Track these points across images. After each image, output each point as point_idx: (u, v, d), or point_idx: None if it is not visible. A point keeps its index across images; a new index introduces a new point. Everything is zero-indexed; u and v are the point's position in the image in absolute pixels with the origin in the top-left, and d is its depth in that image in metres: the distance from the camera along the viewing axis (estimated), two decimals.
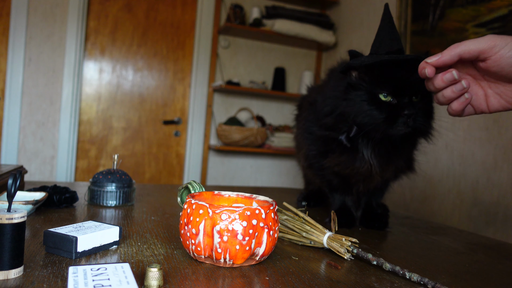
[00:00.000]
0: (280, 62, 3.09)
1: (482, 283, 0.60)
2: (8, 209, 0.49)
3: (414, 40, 2.19)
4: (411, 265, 0.66)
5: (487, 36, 0.55)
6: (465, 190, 1.87)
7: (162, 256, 0.60)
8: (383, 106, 0.75)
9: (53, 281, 0.47)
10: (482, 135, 1.80)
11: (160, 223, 0.81)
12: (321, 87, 0.97)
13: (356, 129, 0.78)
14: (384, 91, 0.75)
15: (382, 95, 0.75)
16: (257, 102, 3.03)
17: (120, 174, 0.95)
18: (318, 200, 1.17)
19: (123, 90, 2.72)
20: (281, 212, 0.77)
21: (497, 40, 0.54)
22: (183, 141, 2.90)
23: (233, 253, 0.55)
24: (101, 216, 0.84)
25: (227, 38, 2.93)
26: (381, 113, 0.75)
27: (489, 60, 0.55)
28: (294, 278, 0.55)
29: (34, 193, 0.85)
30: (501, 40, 0.54)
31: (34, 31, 2.44)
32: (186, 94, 2.88)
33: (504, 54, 0.53)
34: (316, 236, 0.70)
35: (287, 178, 3.13)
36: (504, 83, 0.57)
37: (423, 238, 0.88)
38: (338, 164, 0.86)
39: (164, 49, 2.80)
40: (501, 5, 1.71)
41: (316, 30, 2.84)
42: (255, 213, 0.56)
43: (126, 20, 2.70)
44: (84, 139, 2.66)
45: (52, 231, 0.57)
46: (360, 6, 2.72)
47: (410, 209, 2.14)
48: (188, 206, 0.58)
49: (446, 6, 1.99)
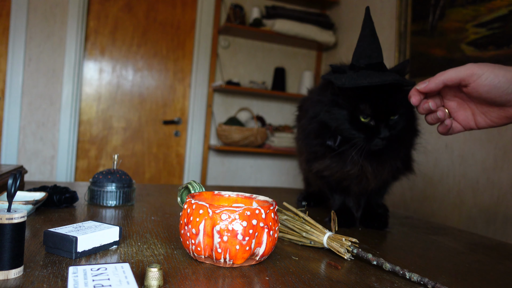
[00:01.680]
0: (280, 62, 3.09)
1: (482, 283, 0.60)
2: (8, 209, 0.49)
3: (414, 40, 2.19)
4: (411, 265, 0.66)
5: (467, 64, 0.61)
6: (465, 190, 1.87)
7: (162, 256, 0.60)
8: (362, 126, 0.81)
9: (53, 281, 0.47)
10: (482, 135, 1.80)
11: (160, 223, 0.81)
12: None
13: (340, 138, 0.83)
14: (363, 115, 0.80)
15: (362, 117, 0.80)
16: (257, 102, 3.03)
17: (120, 174, 0.95)
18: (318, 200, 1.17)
19: (123, 90, 2.72)
20: (281, 212, 0.77)
21: (475, 69, 0.60)
22: (183, 141, 2.90)
23: (233, 253, 0.55)
24: (101, 216, 0.84)
25: (227, 38, 2.93)
26: (359, 133, 0.81)
27: (469, 87, 0.61)
28: (294, 278, 0.55)
29: (34, 193, 0.85)
30: (478, 69, 0.60)
31: (34, 31, 2.44)
32: (186, 94, 2.88)
33: (481, 83, 0.60)
34: (316, 236, 0.70)
35: (287, 178, 3.13)
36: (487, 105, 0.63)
37: (423, 238, 0.88)
38: (327, 169, 0.88)
39: (164, 49, 2.81)
40: (501, 5, 1.71)
41: (316, 30, 2.84)
42: (255, 213, 0.56)
43: (126, 20, 2.70)
44: (84, 139, 2.66)
45: (52, 231, 0.57)
46: (360, 6, 2.72)
47: (410, 209, 2.14)
48: (188, 206, 0.58)
49: (446, 6, 1.99)
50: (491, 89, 0.59)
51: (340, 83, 0.77)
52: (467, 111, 0.66)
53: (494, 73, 0.59)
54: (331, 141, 0.84)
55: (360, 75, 0.77)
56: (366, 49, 0.79)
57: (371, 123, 0.80)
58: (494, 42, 1.74)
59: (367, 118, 0.80)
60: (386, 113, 0.80)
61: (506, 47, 1.68)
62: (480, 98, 0.62)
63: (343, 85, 0.76)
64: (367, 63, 0.79)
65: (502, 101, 0.60)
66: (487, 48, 1.77)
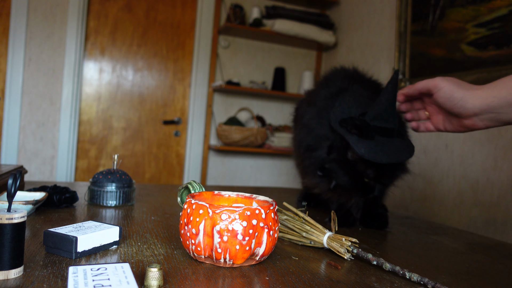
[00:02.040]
0: (280, 62, 3.09)
1: (482, 283, 0.60)
2: (8, 209, 0.49)
3: (414, 40, 2.19)
4: (411, 265, 0.66)
5: (437, 78, 0.72)
6: (465, 190, 1.87)
7: (162, 256, 0.60)
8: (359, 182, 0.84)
9: (53, 281, 0.47)
10: (482, 135, 1.80)
11: (160, 223, 0.81)
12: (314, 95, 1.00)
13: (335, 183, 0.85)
14: (367, 177, 0.83)
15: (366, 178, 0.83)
16: (257, 102, 3.03)
17: (120, 174, 0.95)
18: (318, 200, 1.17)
19: (123, 90, 2.72)
20: (281, 212, 0.77)
21: (439, 82, 0.71)
22: (183, 141, 2.90)
23: (233, 253, 0.55)
24: (101, 216, 0.84)
25: (227, 38, 2.93)
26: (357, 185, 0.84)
27: (433, 96, 0.74)
28: (294, 278, 0.55)
29: (34, 193, 0.85)
30: (441, 82, 0.71)
31: (34, 31, 2.44)
32: (186, 94, 2.88)
33: (440, 94, 0.71)
34: (316, 236, 0.70)
35: (287, 178, 3.13)
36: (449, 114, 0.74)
37: (423, 238, 0.88)
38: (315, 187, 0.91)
39: (164, 49, 2.81)
40: (501, 5, 1.71)
41: (316, 30, 2.84)
42: (255, 213, 0.56)
43: (126, 20, 2.70)
44: (84, 139, 2.66)
45: (52, 231, 0.57)
46: (360, 6, 2.72)
47: (410, 209, 2.14)
48: (188, 206, 0.58)
49: (446, 6, 1.99)
50: (445, 101, 0.71)
51: (360, 153, 0.78)
52: (439, 116, 0.78)
53: (450, 88, 0.70)
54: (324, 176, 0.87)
55: (377, 144, 0.78)
56: (383, 112, 0.80)
57: (370, 183, 0.84)
58: (494, 42, 1.74)
59: (370, 180, 0.83)
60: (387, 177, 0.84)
61: (506, 47, 1.68)
62: (440, 107, 0.74)
63: (363, 156, 0.77)
64: (381, 126, 0.80)
65: (455, 112, 0.71)
66: (487, 48, 1.77)
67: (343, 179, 0.84)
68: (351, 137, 0.80)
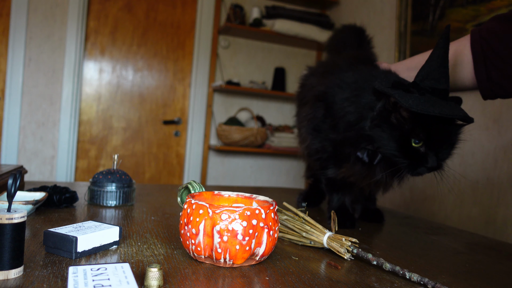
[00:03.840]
0: (280, 62, 3.09)
1: (482, 283, 0.60)
2: (8, 209, 0.49)
3: (414, 40, 2.19)
4: (411, 265, 0.66)
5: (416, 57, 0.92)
6: (465, 190, 1.87)
7: (162, 256, 0.60)
8: (410, 151, 0.74)
9: (53, 281, 0.47)
10: (482, 135, 1.80)
11: (160, 223, 0.81)
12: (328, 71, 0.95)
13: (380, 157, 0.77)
14: (418, 139, 0.73)
15: (414, 141, 0.73)
16: (257, 102, 3.03)
17: (120, 174, 0.95)
18: (318, 200, 1.17)
19: (123, 90, 2.72)
20: (281, 212, 0.77)
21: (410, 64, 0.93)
22: (183, 141, 2.90)
23: (233, 253, 0.55)
24: (101, 216, 0.84)
25: (227, 38, 2.93)
26: (405, 159, 0.74)
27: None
28: (294, 278, 0.55)
29: (34, 193, 0.85)
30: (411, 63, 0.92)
31: (34, 31, 2.44)
32: (186, 94, 2.88)
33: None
34: (316, 236, 0.70)
35: (287, 178, 3.13)
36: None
37: (423, 238, 0.88)
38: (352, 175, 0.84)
39: (164, 49, 2.80)
40: (501, 5, 1.71)
41: (316, 30, 2.84)
42: (255, 213, 0.56)
43: (126, 20, 2.70)
44: (84, 139, 2.66)
45: (52, 231, 0.57)
46: (360, 6, 2.72)
47: (410, 209, 2.14)
48: (188, 206, 0.58)
49: (446, 6, 1.99)
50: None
51: (406, 105, 0.68)
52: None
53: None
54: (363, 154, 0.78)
55: (426, 100, 0.70)
56: (434, 71, 0.72)
57: (421, 150, 0.74)
58: None
59: (419, 143, 0.73)
60: (440, 142, 0.74)
61: None
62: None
63: (410, 107, 0.68)
64: (432, 86, 0.72)
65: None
66: None
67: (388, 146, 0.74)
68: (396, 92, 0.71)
